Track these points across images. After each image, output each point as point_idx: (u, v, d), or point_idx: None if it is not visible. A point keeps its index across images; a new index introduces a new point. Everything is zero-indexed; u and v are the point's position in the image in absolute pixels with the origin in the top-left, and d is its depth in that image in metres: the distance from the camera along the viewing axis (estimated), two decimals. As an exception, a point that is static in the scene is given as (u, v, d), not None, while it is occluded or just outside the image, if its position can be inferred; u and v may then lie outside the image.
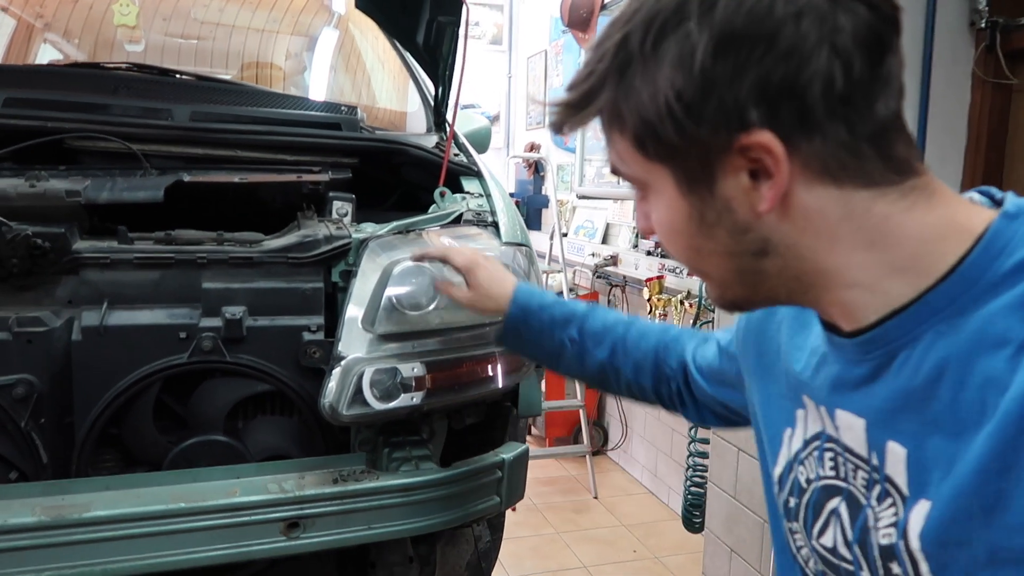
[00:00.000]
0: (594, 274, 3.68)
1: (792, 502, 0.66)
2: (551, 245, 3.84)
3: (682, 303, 2.95)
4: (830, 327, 0.60)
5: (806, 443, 0.65)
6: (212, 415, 1.31)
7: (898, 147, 0.53)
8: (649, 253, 3.22)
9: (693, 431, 2.43)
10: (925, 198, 0.53)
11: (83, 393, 1.24)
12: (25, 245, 1.21)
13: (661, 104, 0.52)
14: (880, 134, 0.52)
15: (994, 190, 0.57)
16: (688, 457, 2.47)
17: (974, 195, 0.57)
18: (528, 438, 3.90)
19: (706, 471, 2.33)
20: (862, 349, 0.56)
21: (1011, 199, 0.54)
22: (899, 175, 0.53)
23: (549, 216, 4.25)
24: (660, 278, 3.09)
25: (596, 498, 3.35)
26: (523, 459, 1.43)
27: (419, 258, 1.25)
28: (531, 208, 4.46)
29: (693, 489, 2.44)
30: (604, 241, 3.71)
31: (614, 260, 3.50)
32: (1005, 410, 0.46)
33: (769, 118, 0.50)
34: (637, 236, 3.40)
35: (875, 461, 0.56)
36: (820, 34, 0.49)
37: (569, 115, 0.58)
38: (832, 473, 0.61)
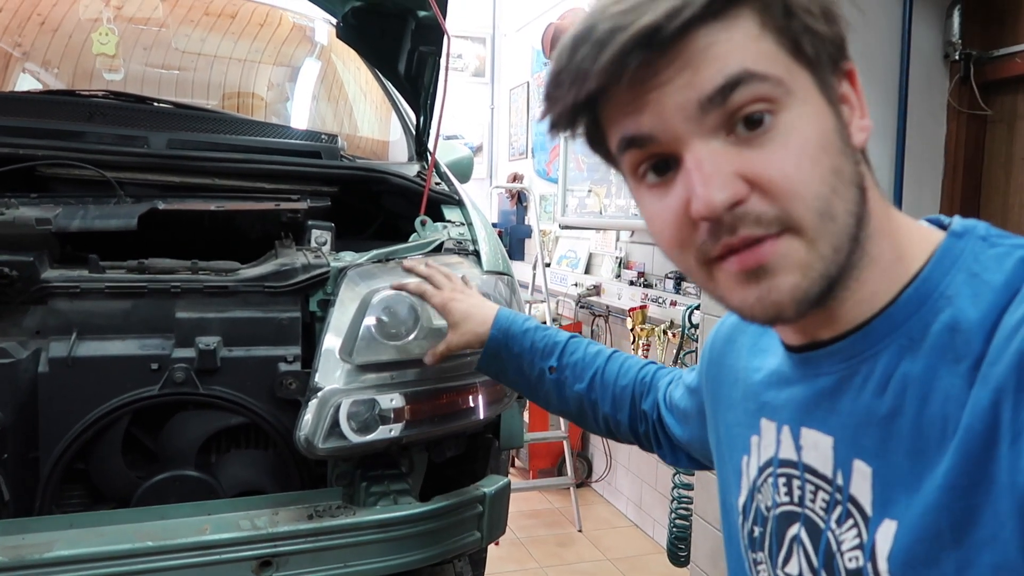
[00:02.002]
0: (577, 304, 3.67)
1: (757, 531, 0.65)
2: (534, 275, 3.83)
3: (665, 333, 2.94)
4: (790, 347, 0.60)
5: (760, 470, 0.64)
6: (184, 449, 1.27)
7: None
8: (632, 283, 3.22)
9: (677, 462, 2.40)
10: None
11: (49, 427, 1.20)
12: (-9, 274, 1.18)
13: None
14: None
15: (943, 217, 0.58)
16: (673, 489, 2.43)
17: (923, 223, 0.58)
18: (512, 470, 3.86)
19: (691, 503, 2.30)
20: (827, 361, 0.56)
21: (958, 220, 0.55)
22: None
23: (532, 246, 4.25)
24: (643, 308, 3.08)
25: (580, 531, 3.30)
26: (505, 493, 1.40)
27: (399, 288, 1.26)
28: (514, 238, 4.47)
29: (678, 522, 2.41)
30: (587, 271, 3.72)
31: (597, 290, 3.50)
32: (967, 425, 0.46)
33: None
34: (620, 266, 3.40)
35: (840, 481, 0.55)
36: None
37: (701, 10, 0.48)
38: (787, 499, 0.60)
